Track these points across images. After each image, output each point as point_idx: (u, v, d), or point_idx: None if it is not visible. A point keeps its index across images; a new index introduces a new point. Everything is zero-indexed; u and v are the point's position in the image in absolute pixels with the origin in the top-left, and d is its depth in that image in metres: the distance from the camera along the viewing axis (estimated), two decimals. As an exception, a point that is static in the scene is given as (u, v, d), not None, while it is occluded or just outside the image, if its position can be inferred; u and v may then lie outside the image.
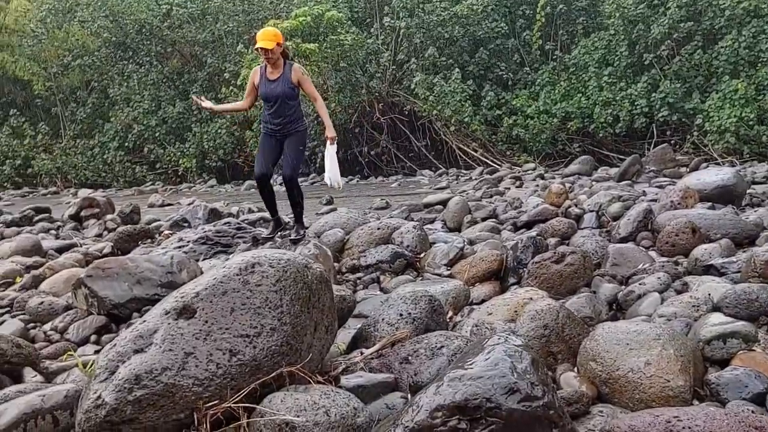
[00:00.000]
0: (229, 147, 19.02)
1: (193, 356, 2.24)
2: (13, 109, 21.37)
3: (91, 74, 20.88)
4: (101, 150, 20.05)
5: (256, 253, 2.58)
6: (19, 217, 9.87)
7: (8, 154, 20.73)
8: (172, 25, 19.89)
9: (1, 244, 7.46)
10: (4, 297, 5.41)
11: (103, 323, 4.64)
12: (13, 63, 21.06)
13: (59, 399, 3.07)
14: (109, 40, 20.26)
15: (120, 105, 20.04)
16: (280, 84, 5.73)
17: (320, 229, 6.66)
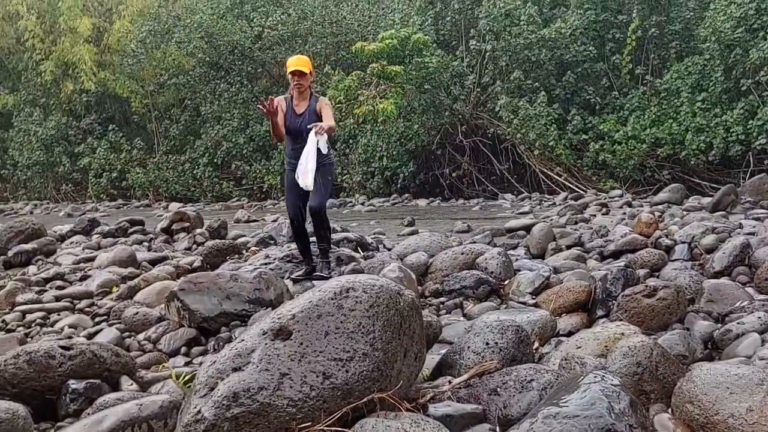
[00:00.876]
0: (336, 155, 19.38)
1: (288, 377, 2.30)
2: (112, 125, 22.52)
3: (185, 93, 21.79)
4: (191, 165, 20.83)
5: (351, 278, 2.62)
6: (115, 229, 10.33)
7: (105, 167, 21.82)
8: (263, 46, 20.54)
9: (100, 254, 7.83)
10: (102, 305, 5.69)
11: (193, 336, 4.80)
12: (114, 81, 22.24)
13: (155, 409, 3.20)
14: (203, 60, 21.11)
15: (211, 122, 20.80)
16: (307, 118, 5.50)
17: (403, 252, 6.69)
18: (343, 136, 18.88)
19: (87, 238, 10.04)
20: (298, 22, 20.20)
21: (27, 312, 5.52)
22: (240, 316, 4.92)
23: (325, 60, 19.89)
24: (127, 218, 10.87)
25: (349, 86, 17.61)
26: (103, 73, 22.38)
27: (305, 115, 5.52)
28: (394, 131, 17.90)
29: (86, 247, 9.03)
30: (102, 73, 22.36)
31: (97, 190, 21.91)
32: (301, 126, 5.49)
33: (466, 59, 18.23)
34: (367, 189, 18.35)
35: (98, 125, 22.82)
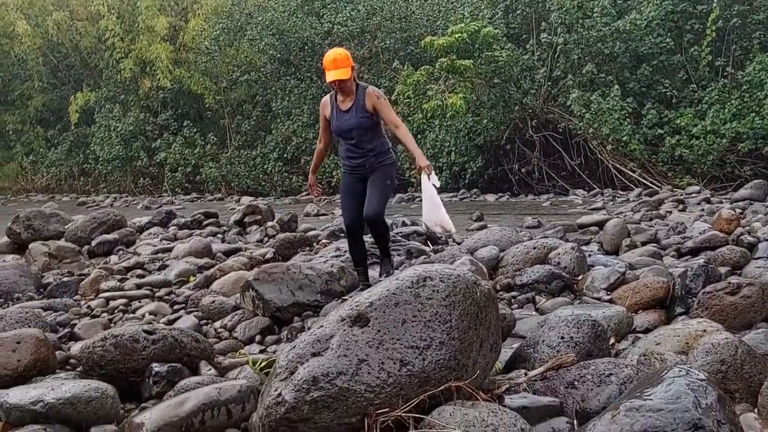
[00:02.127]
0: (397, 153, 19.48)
1: (366, 363, 2.33)
2: (186, 121, 23.19)
3: (256, 89, 22.23)
4: (262, 160, 21.24)
5: (428, 267, 2.63)
6: (190, 221, 10.64)
7: (180, 161, 22.49)
8: (333, 42, 20.70)
9: (176, 245, 8.08)
10: (179, 294, 5.87)
11: (267, 324, 4.90)
12: (188, 78, 22.90)
13: (233, 393, 3.29)
14: (274, 57, 21.48)
15: (281, 118, 21.16)
16: (354, 114, 4.90)
17: (473, 246, 6.65)
18: (412, 131, 18.78)
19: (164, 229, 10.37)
20: (367, 18, 20.30)
21: (110, 299, 5.74)
22: (312, 306, 4.99)
23: (393, 55, 19.94)
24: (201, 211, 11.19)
25: (417, 81, 17.60)
26: (178, 70, 23.05)
27: (353, 111, 4.92)
28: (463, 126, 17.79)
29: (164, 238, 9.33)
30: (177, 70, 23.04)
31: (172, 184, 22.60)
32: (350, 124, 4.92)
33: (537, 53, 17.94)
34: (435, 184, 18.29)
35: (174, 121, 23.53)
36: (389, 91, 19.05)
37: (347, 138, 5.01)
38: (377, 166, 5.02)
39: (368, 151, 5.01)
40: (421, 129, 18.61)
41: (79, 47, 26.06)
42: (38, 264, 7.08)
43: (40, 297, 5.88)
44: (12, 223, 8.44)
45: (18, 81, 27.30)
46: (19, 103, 27.56)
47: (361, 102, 4.89)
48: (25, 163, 27.40)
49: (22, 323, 4.39)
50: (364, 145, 4.99)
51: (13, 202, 23.00)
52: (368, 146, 5.00)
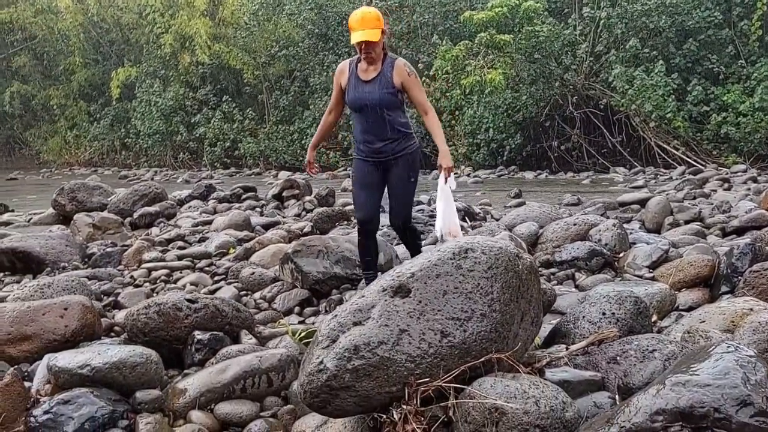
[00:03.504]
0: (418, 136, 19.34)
1: (407, 333, 2.33)
2: (225, 96, 23.35)
3: (294, 64, 22.24)
4: (300, 135, 21.31)
5: (470, 239, 2.61)
6: (229, 195, 10.76)
7: (219, 136, 22.69)
8: (371, 17, 20.60)
9: (216, 218, 8.18)
10: (220, 266, 5.95)
11: (306, 297, 4.95)
12: (227, 53, 23.00)
13: (274, 362, 3.34)
14: (312, 32, 21.43)
15: (319, 93, 21.15)
16: (378, 87, 4.15)
17: (511, 222, 6.60)
18: (450, 107, 18.72)
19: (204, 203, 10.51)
20: (407, -8, 20.11)
21: (152, 269, 5.85)
22: (350, 279, 5.02)
23: (432, 30, 19.73)
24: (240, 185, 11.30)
25: (456, 56, 17.41)
26: (217, 45, 23.17)
27: (376, 84, 4.17)
28: (502, 102, 17.58)
29: (203, 212, 9.46)
30: (216, 45, 23.15)
31: (211, 159, 22.84)
32: (371, 98, 4.16)
33: (579, 27, 17.58)
34: (473, 161, 18.17)
35: (213, 96, 23.71)
36: (427, 67, 18.91)
37: (365, 115, 4.23)
38: (400, 154, 4.30)
39: (390, 133, 4.24)
40: (459, 105, 18.45)
41: (120, 23, 26.36)
42: (83, 234, 7.24)
43: (85, 266, 6.01)
44: (57, 195, 8.64)
45: (62, 56, 27.78)
46: (63, 79, 28.09)
47: (388, 75, 4.16)
48: (68, 137, 27.97)
49: (68, 291, 4.50)
50: (383, 127, 4.22)
51: (57, 175, 23.53)
52: (389, 127, 4.23)
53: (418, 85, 4.32)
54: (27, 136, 30.19)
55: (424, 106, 4.31)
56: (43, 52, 28.56)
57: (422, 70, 19.23)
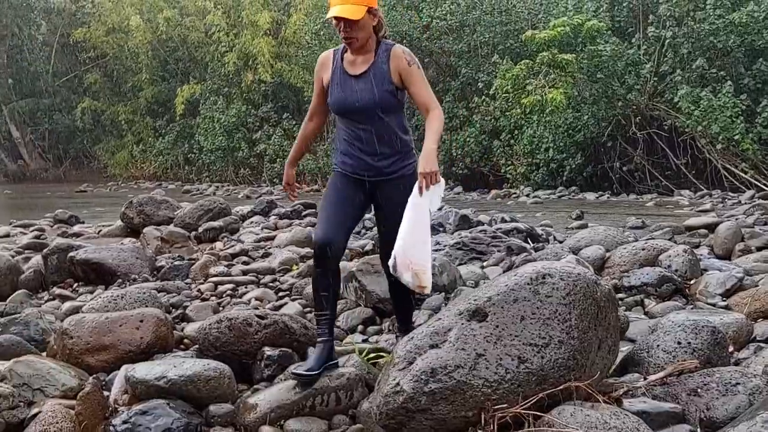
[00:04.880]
0: (476, 155, 19.35)
1: (483, 358, 2.32)
2: (286, 113, 23.76)
3: (354, 82, 22.47)
4: (358, 153, 21.49)
5: (547, 264, 2.59)
6: (290, 211, 10.91)
7: (279, 153, 23.08)
8: (431, 36, 20.71)
9: (278, 234, 8.31)
10: (283, 282, 6.03)
11: (369, 315, 4.97)
12: (289, 72, 23.45)
13: (342, 380, 3.37)
14: (372, 51, 21.63)
15: (377, 112, 21.31)
16: (371, 83, 3.21)
17: (575, 245, 6.51)
18: (509, 126, 18.62)
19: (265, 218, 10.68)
20: (467, 12, 20.13)
21: (219, 283, 5.97)
22: (413, 299, 5.01)
23: (492, 49, 19.70)
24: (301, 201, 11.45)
25: (516, 75, 17.32)
26: (279, 64, 23.64)
27: (368, 78, 3.22)
28: (562, 122, 17.38)
29: (265, 227, 9.61)
30: (278, 64, 23.62)
31: (271, 175, 23.23)
32: (362, 99, 3.21)
33: (643, 47, 17.28)
34: (531, 181, 17.99)
35: (274, 113, 24.15)
36: (487, 86, 18.85)
37: (352, 121, 3.30)
38: (396, 174, 3.29)
39: (385, 147, 3.27)
40: (518, 124, 18.34)
41: (186, 41, 27.18)
42: (151, 247, 7.45)
43: (154, 279, 6.18)
44: (126, 208, 8.91)
45: (130, 74, 28.78)
46: (130, 95, 29.10)
47: (382, 66, 3.19)
48: (135, 152, 28.89)
49: (140, 303, 4.62)
50: (380, 136, 3.25)
51: (123, 188, 24.30)
52: (386, 138, 3.26)
53: (422, 79, 3.26)
54: (96, 150, 31.32)
55: (428, 102, 3.23)
56: (113, 69, 29.67)
57: (482, 89, 19.20)
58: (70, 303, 5.47)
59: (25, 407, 3.07)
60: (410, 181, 3.19)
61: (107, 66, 29.99)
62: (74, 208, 12.84)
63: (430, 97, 3.28)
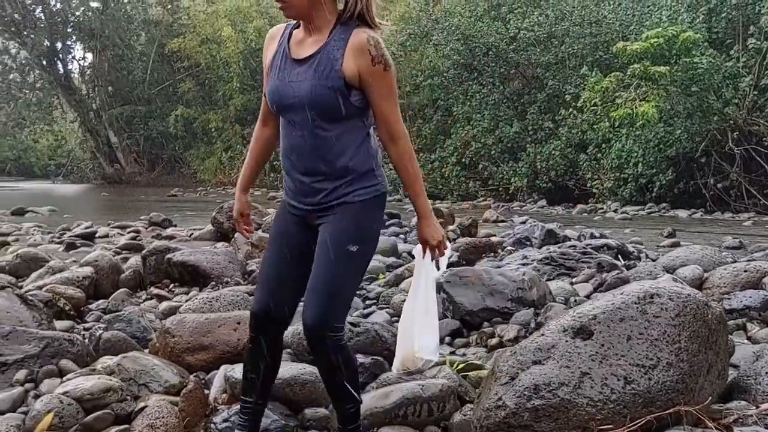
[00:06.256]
0: (561, 168, 19.02)
1: (588, 377, 2.28)
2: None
3: (438, 93, 22.54)
4: (440, 164, 21.50)
5: (654, 284, 2.52)
6: (374, 220, 11.01)
7: (362, 162, 23.37)
8: (518, 47, 20.54)
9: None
10: (370, 290, 6.09)
11: (456, 327, 4.95)
12: (374, 82, 23.71)
13: (435, 391, 3.36)
14: (457, 62, 21.66)
15: (461, 123, 21.28)
16: (314, 70, 2.29)
17: (670, 264, 6.29)
18: (596, 140, 18.22)
19: (350, 226, 10.79)
20: (556, 23, 19.87)
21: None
22: (502, 313, 4.97)
23: (581, 60, 19.35)
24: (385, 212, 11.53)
25: (606, 88, 16.94)
26: (364, 74, 23.93)
27: (312, 64, 2.30)
28: (653, 136, 16.87)
29: (350, 235, 9.70)
30: (364, 74, 23.92)
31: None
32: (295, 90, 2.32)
33: (743, 59, 16.58)
34: (619, 196, 17.52)
35: (358, 124, 24.50)
36: (575, 98, 18.51)
37: (289, 123, 2.41)
38: (340, 201, 2.37)
39: (323, 165, 2.36)
40: (606, 138, 17.91)
41: (276, 52, 27.89)
42: (242, 252, 7.67)
43: (245, 282, 6.36)
44: (216, 212, 9.21)
45: (221, 83, 29.80)
46: (221, 103, 30.12)
47: (334, 52, 2.28)
48: (223, 159, 29.85)
49: (233, 305, 4.76)
50: (317, 151, 2.35)
51: (212, 194, 25.14)
52: (327, 157, 2.35)
53: (389, 87, 2.31)
54: (187, 156, 32.55)
55: (391, 125, 2.36)
56: (205, 78, 30.83)
57: (569, 101, 18.86)
58: (167, 303, 5.69)
59: (132, 401, 3.21)
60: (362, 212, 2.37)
61: (200, 75, 31.18)
62: (166, 212, 13.37)
63: (396, 118, 2.37)
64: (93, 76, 34.63)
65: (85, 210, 17.44)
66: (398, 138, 2.39)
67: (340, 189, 2.35)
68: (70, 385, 3.13)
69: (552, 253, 6.62)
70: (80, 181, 36.49)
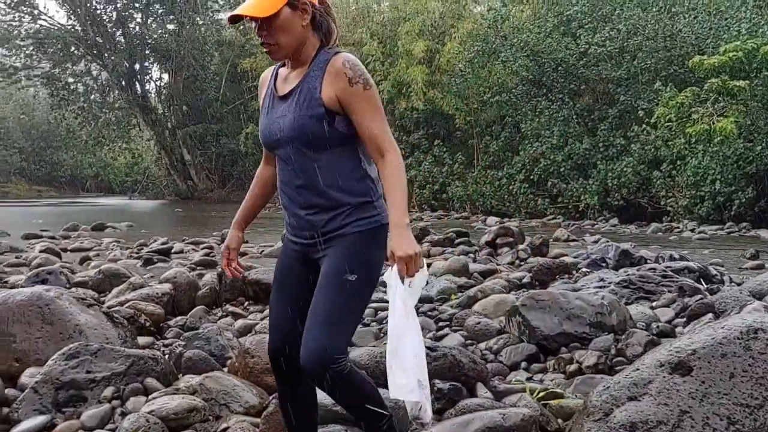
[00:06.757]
0: (633, 186, 18.53)
1: (688, 416, 2.18)
2: (437, 140, 24.03)
3: (506, 110, 22.37)
4: (508, 181, 21.27)
5: (758, 318, 2.40)
6: (443, 238, 10.97)
7: (429, 179, 23.34)
8: (588, 63, 20.20)
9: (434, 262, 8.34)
10: (443, 311, 6.03)
11: (533, 352, 4.83)
12: (441, 99, 23.73)
13: (517, 420, 3.28)
14: (526, 78, 21.46)
15: (529, 139, 21.03)
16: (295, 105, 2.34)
17: (757, 289, 5.99)
18: (671, 156, 17.68)
19: (419, 245, 10.76)
20: (628, 38, 19.45)
21: (378, 309, 6.07)
22: (580, 338, 4.83)
23: (654, 75, 18.87)
24: (454, 229, 11.48)
25: (681, 103, 16.46)
26: (432, 91, 23.99)
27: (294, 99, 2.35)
28: (732, 152, 16.25)
29: (419, 254, 9.66)
30: (431, 91, 23.97)
31: (420, 201, 23.52)
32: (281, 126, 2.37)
33: (830, 72, 15.85)
34: (695, 214, 16.92)
35: (425, 140, 24.51)
36: (648, 114, 18.04)
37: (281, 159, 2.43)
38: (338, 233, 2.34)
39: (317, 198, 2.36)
40: (681, 155, 17.36)
41: (343, 70, 28.25)
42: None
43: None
44: (289, 230, 9.33)
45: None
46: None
47: (313, 82, 2.32)
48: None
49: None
50: (310, 183, 2.36)
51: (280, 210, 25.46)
52: (318, 187, 2.35)
53: (372, 105, 2.32)
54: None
55: (380, 143, 2.30)
56: (274, 97, 31.43)
57: (641, 117, 18.40)
58: (242, 321, 5.77)
59: (214, 421, 3.26)
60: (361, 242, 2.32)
61: (269, 94, 31.81)
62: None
63: (383, 133, 2.32)
64: (169, 95, 35.90)
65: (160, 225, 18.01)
66: (386, 151, 2.32)
67: (337, 220, 2.34)
68: (156, 404, 3.20)
69: (630, 276, 6.43)
70: (155, 197, 37.75)
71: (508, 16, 22.49)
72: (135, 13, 35.53)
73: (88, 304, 4.18)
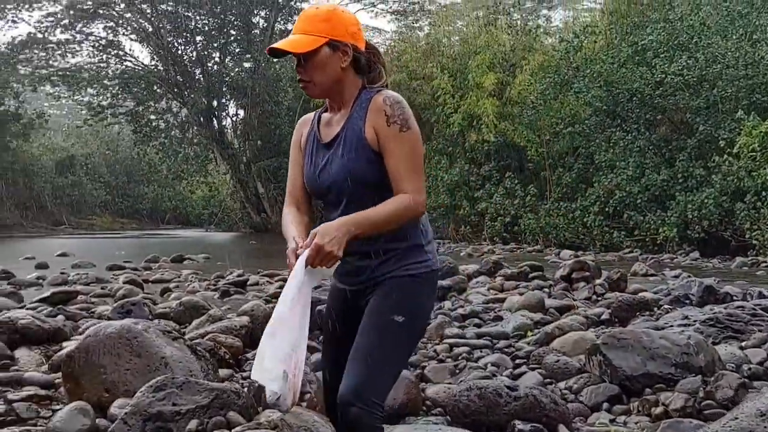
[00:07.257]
0: (715, 218, 17.83)
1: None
2: (508, 172, 23.83)
3: (579, 141, 22.03)
4: (582, 213, 20.84)
5: None
6: (516, 272, 10.80)
7: (500, 211, 23.12)
8: (664, 92, 19.74)
9: (509, 297, 8.24)
10: (519, 348, 5.93)
11: (615, 392, 4.69)
12: (512, 131, 23.59)
13: (602, 466, 3.20)
14: (599, 109, 21.12)
15: (604, 171, 20.60)
16: (340, 152, 2.31)
17: None
18: (755, 187, 16.97)
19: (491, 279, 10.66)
20: (707, 66, 18.92)
21: (453, 345, 6.02)
22: (665, 379, 4.66)
23: (736, 104, 18.25)
24: (527, 263, 11.31)
25: (766, 132, 15.85)
26: (503, 124, 23.88)
27: (338, 145, 2.32)
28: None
29: (491, 288, 9.59)
30: (502, 123, 23.88)
31: (491, 233, 23.29)
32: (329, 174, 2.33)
33: None
34: (788, 249, 16.14)
35: (496, 172, 24.35)
36: (729, 144, 17.43)
37: (331, 207, 2.39)
38: (390, 277, 2.30)
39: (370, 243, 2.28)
40: (766, 186, 16.65)
41: (414, 104, 28.52)
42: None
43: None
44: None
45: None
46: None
47: (357, 123, 2.29)
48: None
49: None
50: None
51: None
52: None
53: (405, 146, 2.24)
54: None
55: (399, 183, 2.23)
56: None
57: (723, 147, 17.78)
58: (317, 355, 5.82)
59: (293, 457, 3.28)
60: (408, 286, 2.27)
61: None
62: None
63: (410, 178, 2.23)
64: (244, 131, 37.00)
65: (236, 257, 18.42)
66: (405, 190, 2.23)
67: (387, 265, 2.30)
68: (238, 439, 3.26)
69: (717, 314, 6.17)
70: (230, 229, 38.75)
71: (581, 47, 22.24)
72: (213, 53, 36.97)
73: (174, 337, 4.30)
